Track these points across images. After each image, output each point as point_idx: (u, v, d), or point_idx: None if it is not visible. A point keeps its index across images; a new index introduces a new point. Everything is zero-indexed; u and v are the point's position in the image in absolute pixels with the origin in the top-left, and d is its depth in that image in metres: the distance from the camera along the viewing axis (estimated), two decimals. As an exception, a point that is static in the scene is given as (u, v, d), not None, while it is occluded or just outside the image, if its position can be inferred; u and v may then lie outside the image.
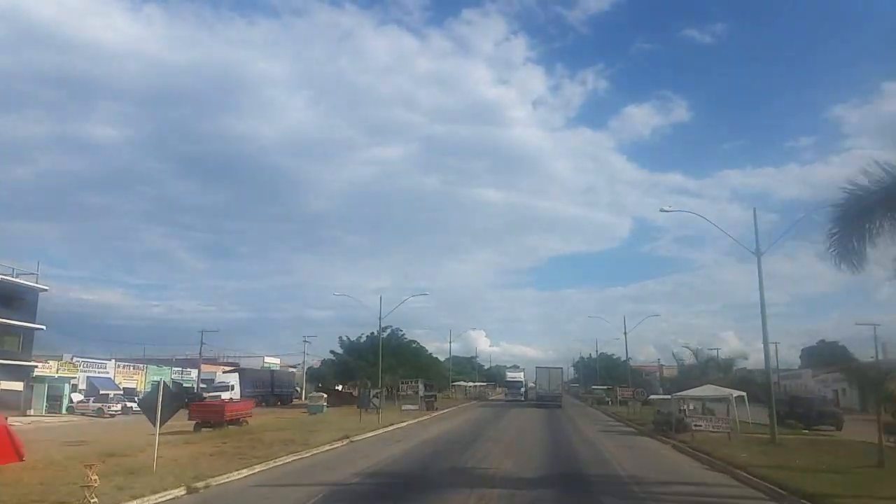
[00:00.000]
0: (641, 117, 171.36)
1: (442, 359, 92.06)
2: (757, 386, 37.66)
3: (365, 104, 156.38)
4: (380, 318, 49.11)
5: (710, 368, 38.13)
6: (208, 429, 31.63)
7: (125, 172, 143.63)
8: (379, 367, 49.26)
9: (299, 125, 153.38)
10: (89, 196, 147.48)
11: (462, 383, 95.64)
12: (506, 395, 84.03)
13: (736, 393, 30.49)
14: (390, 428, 34.28)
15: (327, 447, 24.42)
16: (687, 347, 39.30)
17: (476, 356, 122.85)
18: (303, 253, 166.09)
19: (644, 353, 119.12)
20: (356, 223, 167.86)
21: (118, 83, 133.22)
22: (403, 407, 46.88)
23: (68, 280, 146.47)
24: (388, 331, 65.26)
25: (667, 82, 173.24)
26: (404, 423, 37.51)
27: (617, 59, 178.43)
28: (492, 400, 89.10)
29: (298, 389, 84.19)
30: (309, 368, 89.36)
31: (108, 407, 48.48)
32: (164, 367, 66.15)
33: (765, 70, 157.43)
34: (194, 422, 32.27)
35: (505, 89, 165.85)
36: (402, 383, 50.78)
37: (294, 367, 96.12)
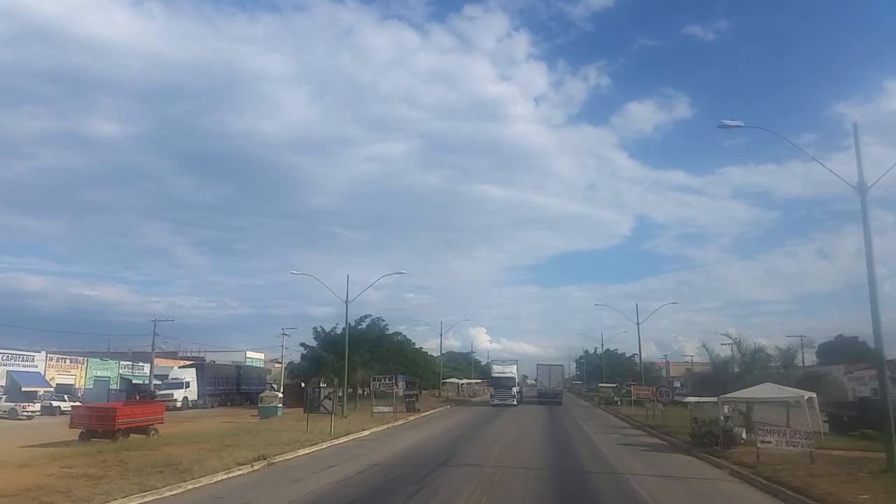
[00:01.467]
0: (643, 114, 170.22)
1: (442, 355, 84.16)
2: (815, 385, 29.67)
3: (366, 100, 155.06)
4: (346, 302, 40.90)
5: (758, 362, 30.06)
6: (99, 439, 23.81)
7: (126, 168, 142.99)
8: (345, 359, 41.13)
9: (301, 121, 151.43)
10: (90, 192, 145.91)
11: (455, 380, 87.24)
12: (491, 396, 59.32)
13: (807, 394, 22.30)
14: (343, 439, 26.19)
15: (222, 475, 16.44)
16: (727, 336, 31.18)
17: (473, 352, 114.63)
18: (304, 249, 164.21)
19: (646, 351, 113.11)
20: (357, 220, 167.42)
21: (119, 79, 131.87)
22: (375, 409, 38.76)
23: (69, 276, 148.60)
24: (369, 320, 57.15)
25: (669, 79, 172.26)
26: (366, 432, 29.43)
27: (619, 56, 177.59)
28: (474, 401, 71.19)
29: (275, 386, 75.87)
30: (289, 364, 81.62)
31: (24, 407, 40.34)
32: (111, 361, 57.99)
33: (767, 67, 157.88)
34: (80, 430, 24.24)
35: (507, 85, 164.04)
36: (375, 380, 42.61)
37: (281, 362, 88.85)
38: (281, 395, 40.94)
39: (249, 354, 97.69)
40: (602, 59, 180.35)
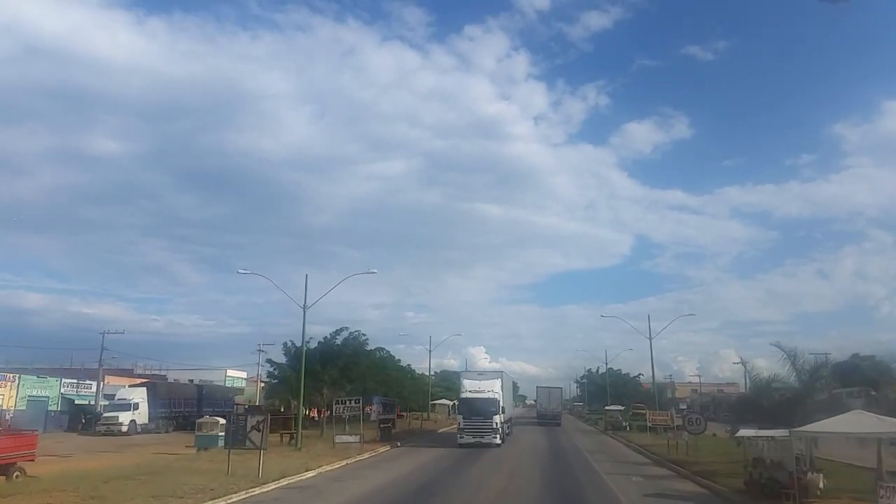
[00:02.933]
0: (642, 134, 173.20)
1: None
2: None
3: (367, 119, 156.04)
4: (304, 308, 34.16)
5: (820, 381, 23.36)
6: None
7: (126, 186, 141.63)
8: (301, 377, 34.51)
9: (301, 140, 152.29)
10: (89, 209, 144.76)
11: (446, 401, 79.92)
12: (460, 428, 35.82)
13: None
14: (270, 487, 19.31)
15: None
16: (778, 347, 24.36)
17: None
18: (302, 267, 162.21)
19: (645, 371, 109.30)
20: (357, 238, 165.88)
21: (120, 97, 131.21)
22: (338, 439, 31.81)
23: (68, 293, 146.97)
24: (346, 333, 50.32)
25: (668, 99, 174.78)
26: (309, 474, 22.51)
27: (618, 76, 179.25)
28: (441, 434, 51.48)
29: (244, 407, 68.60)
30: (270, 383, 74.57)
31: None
32: (51, 379, 50.94)
33: (765, 87, 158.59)
34: None
35: (506, 105, 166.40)
36: (339, 402, 35.55)
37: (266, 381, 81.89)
38: (221, 421, 33.89)
39: (230, 373, 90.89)
40: (601, 79, 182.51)
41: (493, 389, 35.89)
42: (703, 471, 23.51)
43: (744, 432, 19.42)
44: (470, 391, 36.12)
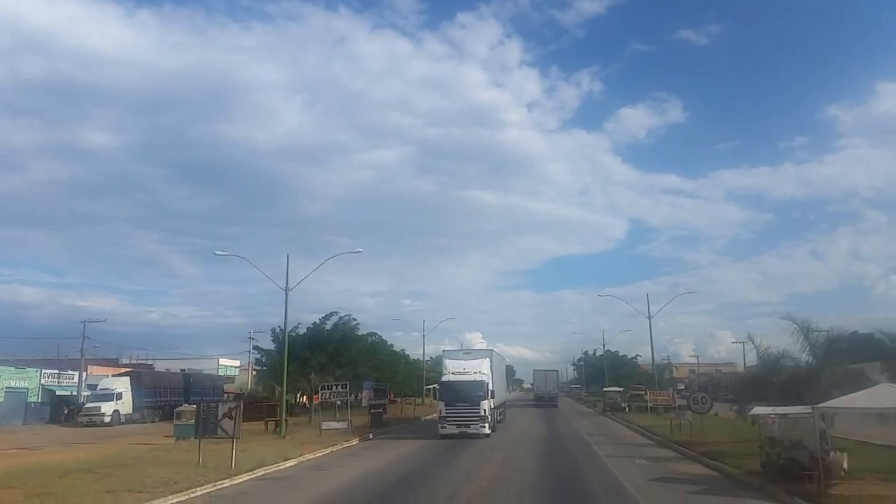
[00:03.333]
0: (636, 119, 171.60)
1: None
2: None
3: (360, 108, 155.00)
4: (286, 290, 32.40)
5: (835, 355, 21.75)
6: None
7: (119, 179, 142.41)
8: (285, 363, 32.95)
9: (294, 130, 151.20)
10: (83, 203, 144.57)
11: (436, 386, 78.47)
12: (441, 417, 30.80)
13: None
14: (243, 478, 17.72)
15: None
16: (789, 320, 22.67)
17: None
18: (297, 257, 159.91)
19: (641, 353, 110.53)
20: (351, 227, 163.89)
21: (112, 89, 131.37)
22: (325, 425, 30.21)
23: (63, 287, 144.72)
24: (336, 318, 48.78)
25: (662, 83, 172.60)
26: (289, 463, 20.92)
27: (612, 61, 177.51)
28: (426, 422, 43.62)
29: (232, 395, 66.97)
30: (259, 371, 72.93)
31: None
32: (30, 370, 49.18)
33: (759, 70, 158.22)
34: None
35: (500, 92, 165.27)
36: (325, 388, 33.85)
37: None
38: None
39: (223, 362, 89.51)
40: (594, 64, 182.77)
41: (480, 370, 30.97)
42: (710, 451, 22.00)
43: (759, 410, 17.80)
44: (453, 373, 31.06)
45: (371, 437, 31.07)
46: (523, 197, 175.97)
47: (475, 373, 30.81)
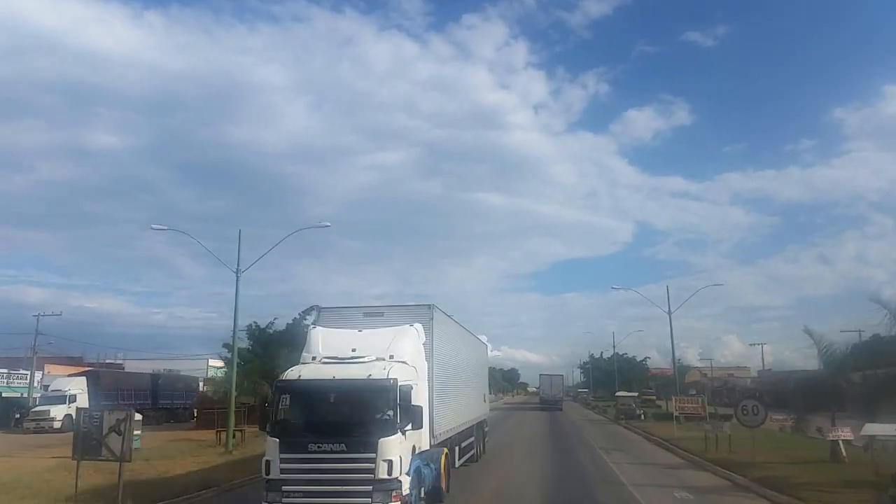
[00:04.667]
0: (643, 121, 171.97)
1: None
2: None
3: (366, 110, 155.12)
4: (237, 273, 27.30)
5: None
6: None
7: (126, 180, 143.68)
8: (233, 364, 27.79)
9: (300, 131, 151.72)
10: (89, 204, 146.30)
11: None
12: (268, 483, 11.39)
13: None
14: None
15: None
16: (876, 302, 17.43)
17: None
18: (303, 258, 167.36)
19: (652, 357, 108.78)
20: (357, 229, 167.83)
21: (119, 90, 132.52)
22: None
23: (70, 288, 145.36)
24: (317, 313, 43.25)
25: (668, 86, 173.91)
26: (203, 494, 15.65)
27: (618, 63, 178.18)
28: None
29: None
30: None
31: None
32: (-27, 369, 44.37)
33: (765, 73, 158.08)
34: None
35: (506, 94, 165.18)
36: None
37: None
38: (139, 416, 27.04)
39: (213, 363, 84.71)
40: (601, 66, 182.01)
41: (393, 353, 12.70)
42: (768, 478, 16.53)
43: (870, 428, 12.36)
44: (325, 360, 12.91)
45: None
46: (529, 199, 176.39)
47: (376, 359, 12.39)
